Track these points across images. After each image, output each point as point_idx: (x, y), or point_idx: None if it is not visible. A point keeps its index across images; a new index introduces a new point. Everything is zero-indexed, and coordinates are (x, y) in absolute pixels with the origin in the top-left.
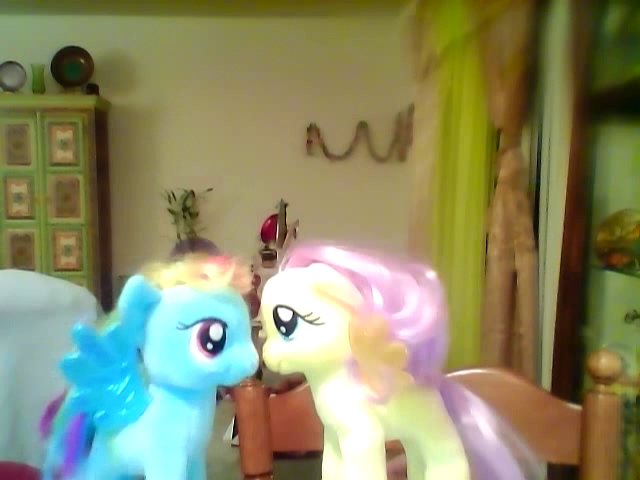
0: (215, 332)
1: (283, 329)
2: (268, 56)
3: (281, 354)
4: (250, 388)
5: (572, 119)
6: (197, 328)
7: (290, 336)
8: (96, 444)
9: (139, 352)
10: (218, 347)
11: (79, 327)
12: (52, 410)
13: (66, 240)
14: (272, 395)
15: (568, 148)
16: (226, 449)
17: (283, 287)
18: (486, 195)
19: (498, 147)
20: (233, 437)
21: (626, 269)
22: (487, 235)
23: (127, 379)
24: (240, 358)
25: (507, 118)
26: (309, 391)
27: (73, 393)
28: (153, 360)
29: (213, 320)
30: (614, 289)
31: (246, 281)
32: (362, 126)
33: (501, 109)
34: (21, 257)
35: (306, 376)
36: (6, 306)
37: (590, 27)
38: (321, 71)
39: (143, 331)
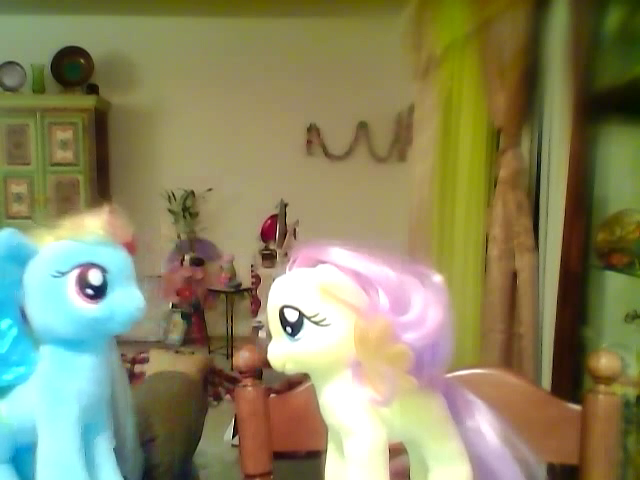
0: (94, 277)
1: (289, 329)
2: (268, 56)
3: (286, 354)
4: (250, 388)
5: (572, 119)
6: (74, 274)
7: (296, 336)
8: None
9: (21, 310)
10: (100, 292)
11: None
12: None
13: None
14: (272, 395)
15: (568, 148)
16: (226, 449)
17: (290, 288)
18: (486, 195)
19: (498, 147)
20: (233, 437)
21: (626, 269)
22: (487, 235)
23: (10, 338)
24: (124, 302)
25: (507, 118)
26: (312, 391)
27: None
28: (34, 313)
29: (91, 265)
30: (614, 289)
31: (123, 227)
32: (362, 126)
33: (501, 109)
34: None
35: (310, 376)
36: None
37: (590, 27)
38: (321, 71)
39: (19, 284)
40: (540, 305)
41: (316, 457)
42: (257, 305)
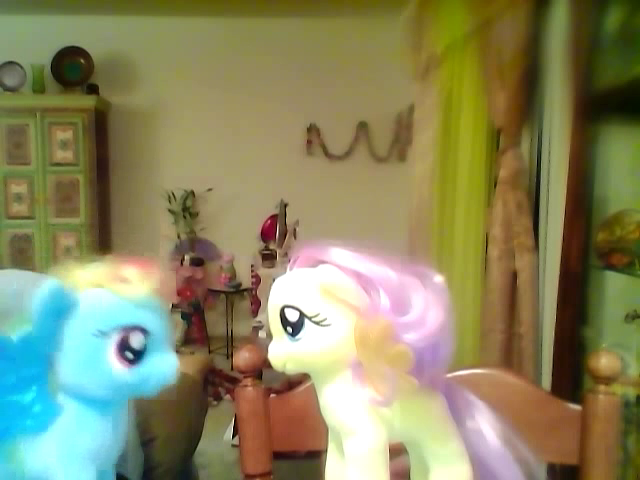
0: (136, 340)
1: (289, 329)
2: (268, 56)
3: (287, 354)
4: (250, 388)
5: (572, 119)
6: (116, 336)
7: (296, 336)
8: None
9: (50, 359)
10: (138, 356)
11: None
12: None
13: (66, 240)
14: (272, 395)
15: (568, 148)
16: (226, 449)
17: (290, 287)
18: (486, 195)
19: (498, 147)
20: (233, 437)
21: (626, 269)
22: (487, 235)
23: (35, 388)
24: (160, 368)
25: (507, 118)
26: (312, 391)
27: None
28: (67, 369)
29: (134, 327)
30: (614, 289)
31: (170, 288)
32: (362, 126)
33: (501, 109)
34: (21, 257)
35: (311, 376)
36: (5, 306)
37: (590, 27)
38: (321, 71)
39: (56, 337)
40: (540, 305)
41: (316, 457)
42: (257, 305)
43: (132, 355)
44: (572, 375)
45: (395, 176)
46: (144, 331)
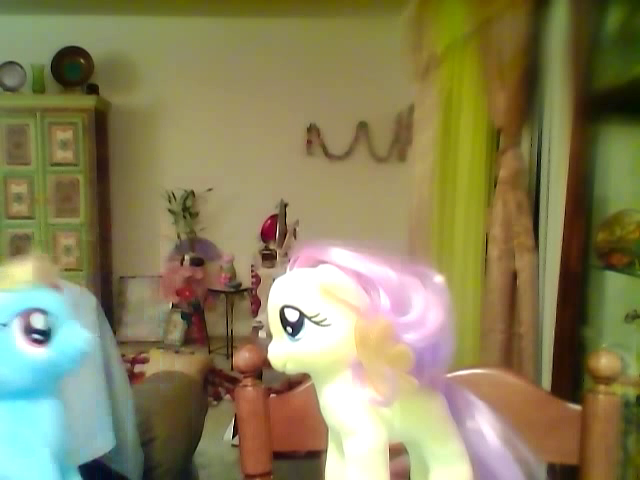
0: (37, 321)
1: (289, 329)
2: (268, 56)
3: (287, 354)
4: (250, 388)
5: (572, 119)
6: (17, 322)
7: (296, 336)
8: None
9: None
10: (46, 336)
11: None
12: None
13: (66, 240)
14: (272, 395)
15: (568, 148)
16: (226, 449)
17: (290, 287)
18: (486, 195)
19: (498, 147)
20: (233, 437)
21: (626, 269)
22: (487, 235)
23: None
24: (72, 340)
25: (507, 118)
26: (312, 391)
27: None
28: None
29: (31, 310)
30: (614, 289)
31: (50, 270)
32: (362, 126)
33: (501, 109)
34: (21, 257)
35: (311, 377)
36: None
37: (590, 27)
38: (321, 71)
39: None
40: (540, 305)
41: (316, 457)
42: (257, 305)
43: (40, 336)
44: (572, 375)
45: (395, 176)
46: (41, 311)
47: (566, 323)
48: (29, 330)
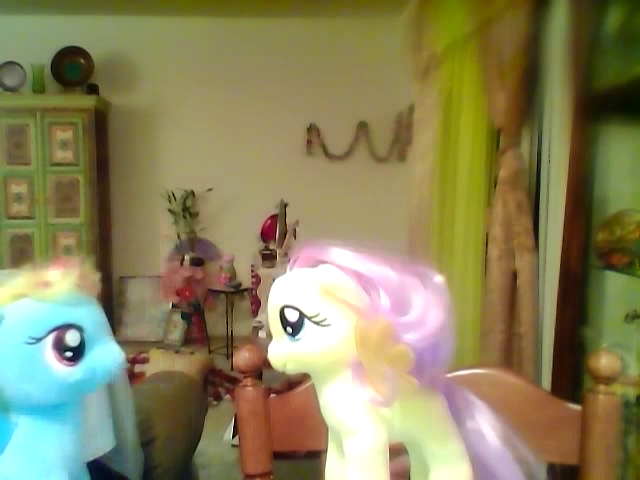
0: (72, 338)
1: (289, 329)
2: (268, 56)
3: (287, 354)
4: (250, 388)
5: (572, 119)
6: (50, 338)
7: (296, 336)
8: None
9: None
10: (78, 353)
11: None
12: None
13: (66, 240)
14: (272, 395)
15: (568, 148)
16: (226, 449)
17: (290, 287)
18: (486, 195)
19: (498, 147)
20: (233, 437)
21: (626, 269)
22: (487, 235)
23: None
24: (104, 359)
25: (507, 118)
26: (312, 391)
27: None
28: (10, 383)
29: (67, 326)
30: (614, 289)
31: (93, 280)
32: (362, 126)
33: (501, 109)
34: (21, 257)
35: (311, 377)
36: None
37: (590, 27)
38: (321, 71)
39: None
40: (540, 305)
41: (316, 457)
42: (257, 305)
43: (71, 353)
44: (572, 375)
45: (395, 176)
46: (77, 327)
47: (566, 323)
48: (61, 347)
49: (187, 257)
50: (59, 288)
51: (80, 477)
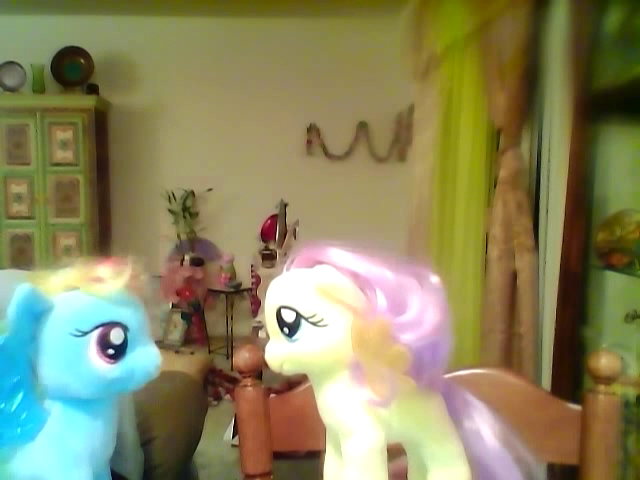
0: (116, 336)
1: (286, 330)
2: (268, 56)
3: (284, 355)
4: (250, 388)
5: (572, 119)
6: (96, 334)
7: (293, 337)
8: None
9: (31, 364)
10: (120, 352)
11: None
12: None
13: (66, 240)
14: (272, 395)
15: (568, 148)
16: (226, 449)
17: (287, 288)
18: (486, 195)
19: (498, 147)
20: (233, 437)
21: (626, 269)
22: (487, 235)
23: (20, 395)
24: (143, 361)
25: (507, 118)
26: (310, 391)
27: None
28: (49, 372)
29: (113, 324)
30: (614, 289)
31: (143, 281)
32: (362, 126)
33: (501, 109)
34: (21, 257)
35: (309, 377)
36: (5, 306)
37: (590, 27)
38: (321, 71)
39: (35, 342)
40: (540, 305)
41: (316, 457)
42: (257, 305)
43: (113, 351)
44: (572, 375)
45: (395, 176)
46: (122, 326)
47: (566, 323)
48: (105, 343)
49: (187, 257)
50: (110, 285)
51: (102, 477)
